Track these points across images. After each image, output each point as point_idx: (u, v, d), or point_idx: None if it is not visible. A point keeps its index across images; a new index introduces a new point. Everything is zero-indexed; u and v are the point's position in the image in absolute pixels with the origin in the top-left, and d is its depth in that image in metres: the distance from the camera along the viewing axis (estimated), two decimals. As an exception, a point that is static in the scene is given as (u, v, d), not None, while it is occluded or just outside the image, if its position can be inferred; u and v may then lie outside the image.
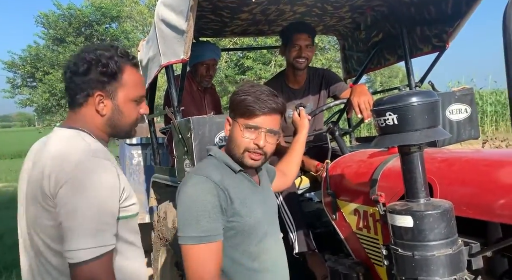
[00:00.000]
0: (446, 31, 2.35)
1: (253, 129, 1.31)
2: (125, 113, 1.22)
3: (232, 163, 1.35)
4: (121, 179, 1.12)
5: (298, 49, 2.30)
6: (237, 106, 1.32)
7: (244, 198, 1.32)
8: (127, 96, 1.20)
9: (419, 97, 1.11)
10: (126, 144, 3.89)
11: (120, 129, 1.24)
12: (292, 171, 1.76)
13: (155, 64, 2.23)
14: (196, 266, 1.21)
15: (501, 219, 1.12)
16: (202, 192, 1.24)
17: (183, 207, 1.25)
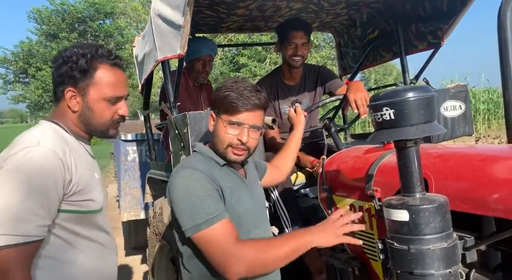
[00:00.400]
0: (441, 28, 2.37)
1: (236, 125, 1.32)
2: (95, 112, 1.22)
3: (216, 157, 1.37)
4: (70, 171, 1.12)
5: (294, 47, 2.31)
6: (220, 102, 1.33)
7: (233, 188, 1.34)
8: (99, 95, 1.21)
9: (416, 93, 1.12)
10: (121, 140, 3.88)
11: (93, 127, 1.25)
12: (286, 166, 1.78)
13: (151, 60, 2.22)
14: (218, 245, 1.20)
15: (495, 213, 1.14)
16: (196, 180, 1.25)
17: (183, 200, 1.24)
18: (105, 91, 1.22)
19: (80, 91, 1.21)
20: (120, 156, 3.95)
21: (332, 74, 2.59)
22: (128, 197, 3.87)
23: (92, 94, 1.21)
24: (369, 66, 3.12)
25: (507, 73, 1.47)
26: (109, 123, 1.26)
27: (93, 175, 1.24)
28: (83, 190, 1.16)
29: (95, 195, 1.20)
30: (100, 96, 1.22)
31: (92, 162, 1.30)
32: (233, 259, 1.18)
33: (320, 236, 1.26)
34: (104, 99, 1.22)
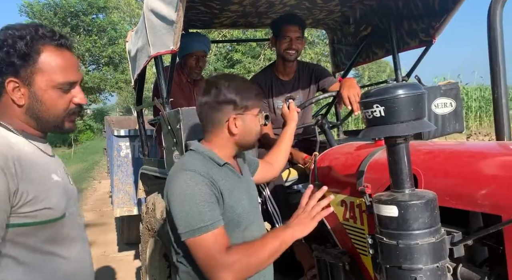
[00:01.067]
0: (433, 26, 2.39)
1: (260, 113, 1.45)
2: (46, 103, 1.05)
3: (217, 157, 1.37)
4: (15, 180, 0.95)
5: (288, 41, 2.33)
6: (249, 101, 1.39)
7: (232, 189, 1.35)
8: (48, 83, 1.04)
9: (406, 90, 1.14)
10: (114, 136, 3.87)
11: (46, 121, 1.08)
12: (279, 162, 1.79)
13: (144, 55, 2.21)
14: (208, 253, 1.22)
15: (482, 208, 1.16)
16: (196, 185, 1.25)
17: (181, 204, 1.25)
18: (54, 77, 1.04)
19: (24, 81, 1.03)
20: (113, 151, 3.94)
21: (326, 71, 2.61)
22: (121, 193, 3.87)
23: (39, 82, 1.03)
24: (362, 63, 3.14)
25: (497, 71, 1.49)
26: (63, 114, 1.08)
27: (49, 178, 1.06)
28: (35, 198, 0.99)
29: (53, 201, 1.03)
30: (49, 84, 1.04)
31: (49, 162, 1.11)
32: (221, 268, 1.20)
33: (298, 228, 1.33)
34: (55, 87, 1.05)
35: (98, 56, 20.77)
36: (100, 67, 21.63)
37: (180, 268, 1.39)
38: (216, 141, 1.40)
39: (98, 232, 5.61)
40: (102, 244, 5.08)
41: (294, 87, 2.52)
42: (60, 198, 1.06)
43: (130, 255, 4.53)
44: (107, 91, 21.97)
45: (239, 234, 1.36)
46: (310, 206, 1.37)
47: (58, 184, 1.08)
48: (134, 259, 4.36)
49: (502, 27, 1.46)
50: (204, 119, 1.41)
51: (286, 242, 1.30)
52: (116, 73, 20.86)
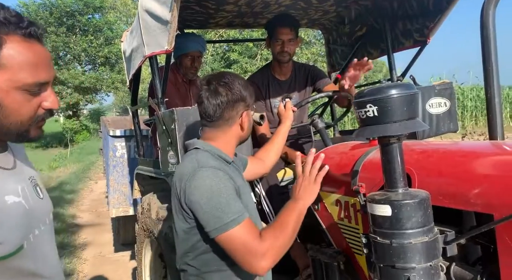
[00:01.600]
0: (427, 26, 2.40)
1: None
2: (7, 108, 0.82)
3: (224, 155, 1.40)
4: None
5: (281, 43, 2.34)
6: (252, 97, 1.44)
7: (243, 186, 1.39)
8: (10, 83, 0.82)
9: (398, 90, 1.14)
10: (110, 136, 3.86)
11: (6, 129, 0.85)
12: (270, 159, 1.81)
13: (139, 55, 2.21)
14: (245, 243, 1.23)
15: (474, 207, 1.16)
16: (219, 180, 1.26)
17: (209, 200, 1.24)
18: (20, 76, 0.82)
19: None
20: (108, 152, 3.93)
21: (322, 73, 2.62)
22: (117, 193, 3.86)
23: (0, 81, 0.81)
24: (357, 63, 3.14)
25: (490, 71, 1.50)
26: (29, 122, 0.87)
27: (2, 202, 0.83)
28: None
29: (4, 234, 0.80)
30: (12, 84, 0.82)
31: (3, 179, 0.87)
32: (260, 257, 1.22)
33: (306, 195, 1.43)
34: (19, 88, 0.83)
35: (94, 56, 20.70)
36: (96, 67, 21.57)
37: (188, 271, 1.37)
38: (223, 138, 1.42)
39: (94, 232, 5.60)
40: (98, 244, 5.07)
41: (291, 87, 2.53)
42: (13, 227, 0.82)
43: (126, 255, 4.52)
44: (104, 91, 21.90)
45: None
46: (307, 172, 1.45)
47: (13, 208, 0.84)
48: (130, 260, 4.35)
49: (495, 27, 1.47)
50: (217, 118, 1.40)
51: (302, 212, 1.37)
52: (113, 73, 20.81)
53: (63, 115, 22.55)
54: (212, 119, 1.40)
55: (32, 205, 0.91)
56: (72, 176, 10.54)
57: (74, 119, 21.50)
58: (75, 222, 6.19)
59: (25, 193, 0.90)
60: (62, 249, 4.77)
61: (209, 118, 1.41)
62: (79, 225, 6.01)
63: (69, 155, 15.35)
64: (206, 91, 1.39)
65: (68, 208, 7.15)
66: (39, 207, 0.95)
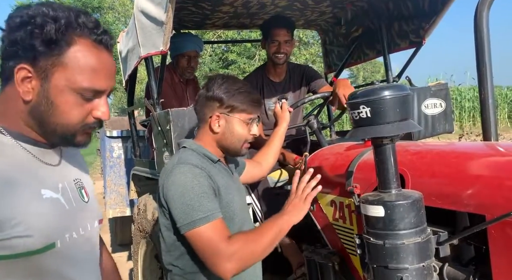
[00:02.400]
0: (423, 27, 2.41)
1: (257, 122, 1.44)
2: (59, 107, 0.82)
3: (210, 154, 1.39)
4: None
5: (277, 44, 2.34)
6: (239, 103, 1.38)
7: (227, 186, 1.37)
8: (68, 82, 0.81)
9: (391, 91, 1.15)
10: (107, 136, 3.85)
11: (51, 129, 0.84)
12: (268, 162, 1.80)
13: (135, 56, 2.21)
14: (211, 244, 1.22)
15: (467, 208, 1.17)
16: (194, 177, 1.26)
17: (181, 196, 1.24)
18: (78, 78, 0.81)
19: (39, 72, 0.80)
20: (105, 152, 3.93)
21: (317, 74, 2.62)
22: (114, 194, 3.85)
23: (58, 79, 0.80)
24: (353, 63, 3.15)
25: (483, 72, 1.51)
26: (76, 127, 0.85)
27: (36, 195, 0.80)
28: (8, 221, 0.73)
29: (35, 226, 0.76)
30: (69, 84, 0.81)
31: (44, 173, 0.85)
32: (224, 258, 1.20)
33: (293, 213, 1.38)
34: (74, 90, 0.81)
35: (92, 57, 20.67)
36: (94, 68, 21.53)
37: (173, 271, 1.38)
38: (204, 138, 1.42)
39: (91, 233, 5.58)
40: (96, 245, 5.05)
41: (285, 88, 2.53)
42: (46, 222, 0.79)
43: (124, 256, 4.51)
44: (102, 91, 21.86)
45: (234, 232, 1.35)
46: (300, 189, 1.43)
47: (49, 203, 0.82)
48: (127, 260, 4.34)
49: (488, 28, 1.48)
50: (197, 113, 1.46)
51: (283, 228, 1.33)
52: (111, 74, 20.78)
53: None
54: (196, 113, 1.47)
55: (73, 205, 0.88)
56: (69, 177, 10.48)
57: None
58: (72, 223, 6.17)
59: (66, 192, 0.88)
60: (59, 250, 4.75)
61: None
62: (76, 226, 5.99)
63: (67, 155, 15.28)
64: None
65: (66, 208, 7.12)
66: (81, 210, 0.91)
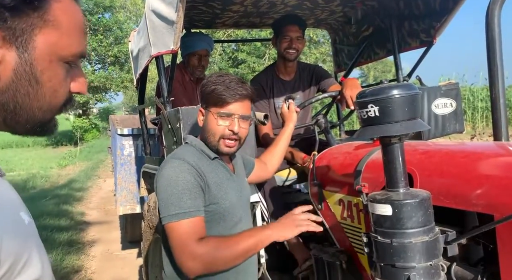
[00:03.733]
0: (434, 26, 2.39)
1: (226, 116, 1.37)
2: (46, 85, 0.60)
3: (208, 150, 1.41)
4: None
5: (289, 40, 2.34)
6: (208, 96, 1.38)
7: (220, 183, 1.38)
8: (56, 49, 0.60)
9: (400, 90, 1.15)
10: (118, 134, 3.90)
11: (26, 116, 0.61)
12: (272, 164, 1.81)
13: (146, 55, 2.24)
14: (180, 239, 1.24)
15: (475, 208, 1.17)
16: (181, 173, 1.29)
17: (164, 189, 1.28)
18: (67, 41, 0.61)
19: (12, 39, 0.56)
20: (116, 150, 3.98)
21: (326, 73, 2.62)
22: (124, 191, 3.90)
23: (42, 46, 0.58)
24: (363, 63, 3.14)
25: (495, 72, 1.50)
26: (57, 109, 0.64)
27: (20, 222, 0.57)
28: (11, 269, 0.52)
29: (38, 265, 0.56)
30: (57, 51, 0.60)
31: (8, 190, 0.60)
32: (189, 257, 1.23)
33: (278, 230, 1.33)
34: (63, 58, 0.61)
35: (104, 56, 20.89)
36: (106, 67, 21.77)
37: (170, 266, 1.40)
38: (201, 134, 1.46)
39: (102, 230, 5.66)
40: (106, 241, 5.13)
41: (295, 87, 2.54)
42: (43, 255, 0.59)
43: (133, 253, 4.57)
44: (113, 90, 22.08)
45: (226, 230, 1.37)
46: (303, 215, 1.38)
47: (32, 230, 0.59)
48: (137, 257, 4.39)
49: (500, 27, 1.47)
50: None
51: (262, 242, 1.31)
52: (122, 73, 20.98)
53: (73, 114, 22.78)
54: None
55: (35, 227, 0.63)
56: (81, 174, 10.66)
57: (84, 118, 21.73)
58: (84, 220, 6.27)
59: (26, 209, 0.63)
60: (70, 246, 4.83)
61: None
62: (88, 223, 6.08)
63: (78, 153, 15.52)
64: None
65: (77, 205, 7.24)
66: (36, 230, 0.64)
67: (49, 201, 7.10)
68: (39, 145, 20.83)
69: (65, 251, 4.54)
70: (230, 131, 1.37)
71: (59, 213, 6.29)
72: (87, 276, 4.06)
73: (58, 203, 7.03)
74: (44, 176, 10.37)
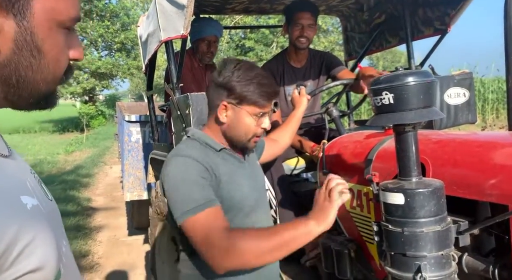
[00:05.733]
0: (448, 14, 2.34)
1: (262, 116, 1.32)
2: (49, 54, 0.57)
3: (213, 142, 1.32)
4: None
5: (300, 28, 2.31)
6: (244, 94, 1.27)
7: (230, 174, 1.31)
8: (54, 15, 0.56)
9: (415, 77, 1.12)
10: (125, 121, 3.91)
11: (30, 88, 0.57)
12: (284, 140, 1.78)
13: (155, 40, 2.22)
14: (201, 232, 1.15)
15: (489, 198, 1.15)
16: (187, 169, 1.22)
17: (173, 188, 1.22)
18: (64, 4, 0.58)
19: (8, 7, 0.53)
20: (124, 137, 3.99)
21: (337, 60, 2.58)
22: (131, 178, 3.92)
23: (40, 12, 0.55)
24: (375, 51, 3.09)
25: (511, 60, 1.46)
26: (59, 79, 0.61)
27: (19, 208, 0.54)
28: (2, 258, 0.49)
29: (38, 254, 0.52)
30: (55, 16, 0.56)
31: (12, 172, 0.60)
32: (220, 250, 1.11)
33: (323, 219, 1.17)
34: (61, 24, 0.58)
35: (110, 42, 20.84)
36: (112, 53, 21.75)
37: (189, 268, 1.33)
38: (211, 126, 1.36)
39: (109, 216, 5.72)
40: (113, 228, 5.19)
41: (306, 74, 2.51)
42: (48, 243, 0.55)
43: (140, 239, 4.62)
44: (119, 77, 22.09)
45: (242, 219, 1.32)
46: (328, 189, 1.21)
47: (36, 214, 0.56)
48: (143, 243, 4.44)
49: (519, 15, 1.43)
50: (208, 98, 1.36)
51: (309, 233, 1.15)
52: (128, 60, 20.94)
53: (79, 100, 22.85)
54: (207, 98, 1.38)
55: (48, 210, 0.62)
56: (87, 161, 10.74)
57: (90, 104, 21.79)
58: (90, 205, 6.33)
59: (35, 191, 0.62)
60: (78, 231, 4.90)
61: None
62: (94, 208, 6.14)
63: (85, 139, 15.62)
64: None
65: (84, 191, 7.31)
66: (53, 213, 0.66)
67: (56, 186, 7.17)
68: (46, 131, 20.97)
69: (72, 235, 4.60)
70: (263, 129, 1.34)
71: (66, 199, 6.36)
72: (94, 260, 4.12)
73: (65, 189, 7.10)
74: (51, 161, 10.45)
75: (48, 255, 0.54)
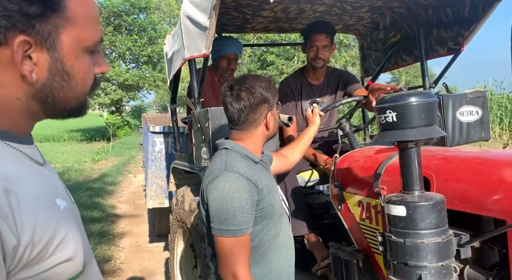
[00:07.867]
0: (462, 34, 2.40)
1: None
2: (77, 76, 0.67)
3: (252, 155, 1.46)
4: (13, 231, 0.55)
5: (315, 50, 2.40)
6: (276, 93, 1.50)
7: (268, 186, 1.44)
8: (80, 42, 0.66)
9: (417, 98, 1.21)
10: (150, 132, 4.09)
11: (62, 105, 0.68)
12: (294, 156, 1.87)
13: (179, 57, 2.37)
14: (231, 257, 1.33)
15: (489, 213, 1.21)
16: (237, 189, 1.33)
17: (220, 202, 1.33)
18: (88, 33, 0.67)
19: (41, 41, 0.62)
20: (148, 147, 4.17)
21: (354, 78, 2.66)
22: (154, 186, 4.08)
23: (67, 42, 0.64)
24: (390, 68, 3.16)
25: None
26: (88, 91, 0.71)
27: (55, 208, 0.65)
28: (44, 250, 0.59)
29: (70, 247, 0.63)
30: (81, 44, 0.66)
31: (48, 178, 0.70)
32: (231, 275, 1.32)
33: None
34: (86, 49, 0.67)
35: (138, 55, 21.54)
36: (139, 66, 22.44)
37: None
38: (250, 139, 1.48)
39: (131, 223, 5.90)
40: (135, 234, 5.35)
41: (323, 91, 2.60)
42: (77, 238, 0.66)
43: (160, 246, 4.75)
44: (145, 89, 22.73)
45: (274, 224, 1.47)
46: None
47: (68, 214, 0.67)
48: (163, 250, 4.57)
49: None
50: (242, 121, 1.45)
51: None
52: (154, 72, 21.54)
53: (107, 111, 23.59)
54: (238, 123, 1.45)
55: (73, 211, 0.73)
56: (113, 169, 11.05)
57: (117, 115, 22.45)
58: (114, 212, 6.54)
59: (64, 195, 0.72)
60: (102, 236, 5.08)
61: (234, 122, 1.46)
62: (118, 215, 6.34)
63: (111, 149, 16.07)
64: (229, 97, 1.43)
65: (109, 198, 7.55)
66: (77, 213, 0.76)
67: (83, 193, 7.44)
68: (74, 140, 21.69)
69: (97, 241, 4.79)
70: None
71: (92, 205, 6.59)
72: (117, 265, 4.27)
73: (91, 196, 7.36)
74: (78, 169, 10.82)
75: (77, 248, 0.65)
